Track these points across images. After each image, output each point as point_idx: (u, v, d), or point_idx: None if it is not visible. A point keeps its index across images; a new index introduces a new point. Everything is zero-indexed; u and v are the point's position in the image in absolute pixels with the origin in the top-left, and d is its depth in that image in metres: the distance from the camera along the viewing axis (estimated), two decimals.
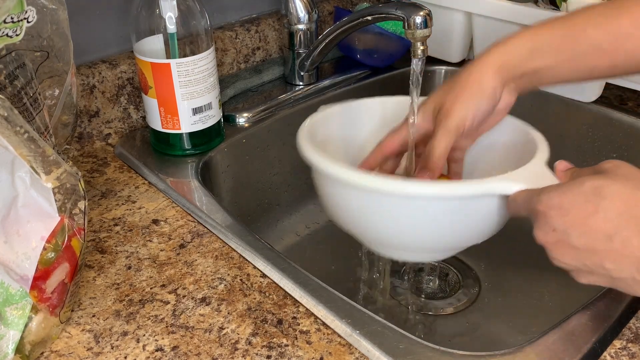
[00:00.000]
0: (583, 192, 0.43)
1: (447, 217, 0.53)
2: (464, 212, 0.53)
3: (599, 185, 0.43)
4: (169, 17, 0.66)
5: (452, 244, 0.59)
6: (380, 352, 0.46)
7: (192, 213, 0.63)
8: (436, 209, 0.53)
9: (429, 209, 0.53)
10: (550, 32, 0.55)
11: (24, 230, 0.46)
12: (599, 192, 0.42)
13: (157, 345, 0.48)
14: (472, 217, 0.54)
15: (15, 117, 0.43)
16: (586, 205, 0.43)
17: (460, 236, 0.57)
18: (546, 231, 0.45)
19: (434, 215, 0.53)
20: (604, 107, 0.80)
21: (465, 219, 0.54)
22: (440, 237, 0.56)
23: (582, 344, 0.47)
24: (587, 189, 0.43)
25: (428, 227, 0.55)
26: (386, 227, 0.56)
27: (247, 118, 0.81)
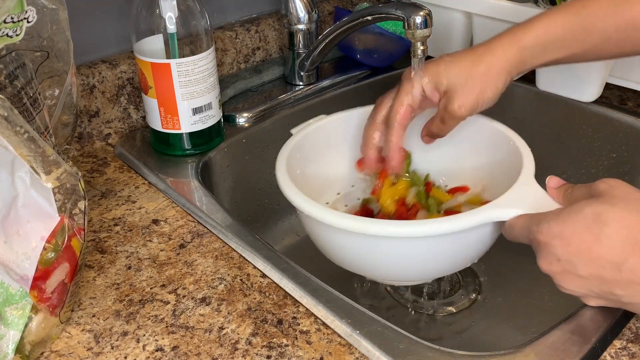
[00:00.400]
0: (583, 219, 0.43)
1: (444, 249, 0.54)
2: (461, 242, 0.54)
3: (599, 211, 0.42)
4: (169, 17, 0.66)
5: (449, 269, 0.60)
6: (380, 352, 0.46)
7: (192, 213, 0.63)
8: (433, 245, 0.53)
9: (427, 246, 0.53)
10: (562, 26, 0.56)
11: (24, 230, 0.46)
12: (600, 218, 0.42)
13: (157, 345, 0.48)
14: (468, 244, 0.55)
15: (15, 117, 0.43)
16: (588, 233, 0.42)
17: (456, 262, 0.58)
18: (550, 261, 0.45)
19: (431, 250, 0.54)
20: (604, 107, 0.80)
21: (462, 247, 0.55)
22: (437, 266, 0.57)
23: (582, 344, 0.47)
24: (587, 216, 0.42)
25: (424, 261, 0.55)
26: (382, 264, 0.56)
27: (247, 118, 0.81)
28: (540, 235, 0.45)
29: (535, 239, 0.45)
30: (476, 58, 0.58)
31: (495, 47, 0.58)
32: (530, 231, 0.46)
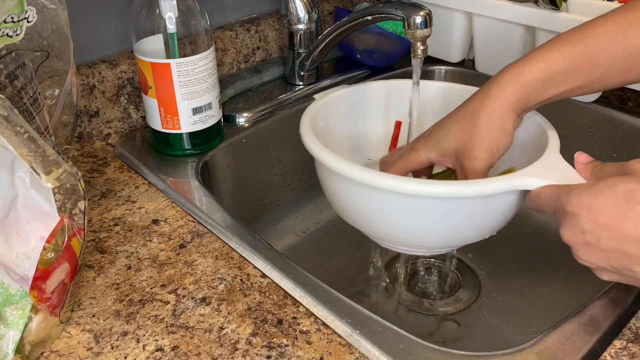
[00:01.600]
0: (615, 195, 0.43)
1: (466, 215, 0.54)
2: (484, 208, 0.53)
3: (632, 189, 0.43)
4: (169, 17, 0.66)
5: (466, 239, 0.59)
6: (380, 352, 0.46)
7: (192, 213, 0.63)
8: (457, 208, 0.53)
9: (452, 208, 0.53)
10: (563, 58, 0.54)
11: (24, 231, 0.46)
12: (632, 196, 0.43)
13: (157, 345, 0.48)
14: (491, 212, 0.54)
15: (16, 117, 0.43)
16: (618, 209, 0.43)
17: (474, 231, 0.57)
18: (574, 232, 0.45)
19: (454, 214, 0.53)
20: (604, 107, 0.80)
21: (484, 214, 0.54)
22: (455, 234, 0.57)
23: (582, 344, 0.47)
24: (619, 193, 0.43)
25: (445, 226, 0.55)
26: (402, 226, 0.56)
27: (247, 118, 0.81)
28: (569, 206, 0.45)
29: (563, 208, 0.46)
30: (475, 110, 0.56)
31: (492, 91, 0.56)
32: (558, 200, 0.47)
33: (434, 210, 0.53)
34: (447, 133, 0.58)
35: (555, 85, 0.55)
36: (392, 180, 0.51)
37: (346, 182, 0.54)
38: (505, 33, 0.85)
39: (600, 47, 0.53)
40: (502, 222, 0.56)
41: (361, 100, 0.70)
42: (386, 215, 0.55)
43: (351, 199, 0.56)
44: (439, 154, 0.58)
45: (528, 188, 0.51)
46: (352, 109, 0.70)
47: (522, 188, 0.51)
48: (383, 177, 0.51)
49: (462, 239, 0.59)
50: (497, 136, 0.55)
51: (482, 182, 0.51)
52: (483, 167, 0.56)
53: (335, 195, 0.59)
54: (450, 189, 0.50)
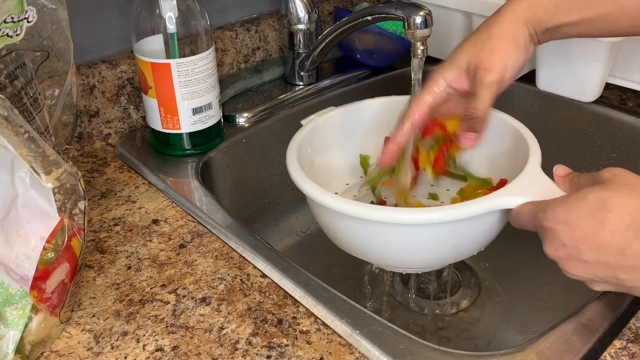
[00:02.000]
0: (588, 205, 0.43)
1: (451, 236, 0.54)
2: (468, 229, 0.54)
3: (603, 197, 0.43)
4: (169, 17, 0.66)
5: (455, 257, 0.60)
6: (380, 352, 0.46)
7: (192, 213, 0.63)
8: (441, 232, 0.53)
9: (434, 232, 0.53)
10: None
11: (24, 231, 0.46)
12: (604, 204, 0.42)
13: (157, 345, 0.48)
14: (475, 231, 0.55)
15: (16, 117, 0.43)
16: (592, 219, 0.43)
17: (462, 250, 0.58)
18: (556, 247, 0.45)
19: (440, 237, 0.54)
20: (604, 107, 0.80)
21: (468, 234, 0.55)
22: (443, 254, 0.57)
23: (582, 344, 0.47)
24: (591, 202, 0.43)
25: (433, 248, 0.56)
26: (390, 251, 0.57)
27: (247, 118, 0.81)
28: (545, 222, 0.45)
29: (541, 225, 0.46)
30: (486, 25, 0.57)
31: (504, 8, 0.57)
32: (536, 217, 0.47)
33: (419, 236, 0.54)
34: (461, 49, 0.58)
35: (565, 11, 0.55)
36: (378, 211, 0.52)
37: (334, 215, 0.55)
38: None
39: None
40: (488, 239, 0.57)
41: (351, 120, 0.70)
42: (374, 242, 0.56)
43: (341, 229, 0.58)
44: (454, 70, 0.58)
45: (508, 207, 0.51)
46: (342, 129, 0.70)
47: (502, 207, 0.51)
48: (366, 208, 0.52)
49: (451, 258, 0.60)
50: (508, 47, 0.55)
51: (463, 206, 0.51)
52: (494, 79, 0.55)
53: (325, 225, 0.60)
54: (432, 216, 0.51)
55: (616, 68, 0.79)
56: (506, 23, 0.56)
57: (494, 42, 0.55)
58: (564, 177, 0.51)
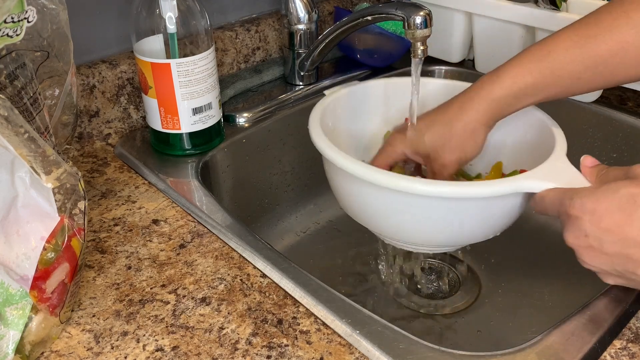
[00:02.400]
0: (618, 199, 0.44)
1: (472, 215, 0.54)
2: (489, 209, 0.54)
3: (635, 193, 0.43)
4: (169, 17, 0.66)
5: (471, 239, 0.60)
6: (380, 352, 0.46)
7: (192, 213, 0.63)
8: (462, 209, 0.53)
9: (456, 208, 0.53)
10: (530, 74, 0.56)
11: (24, 231, 0.46)
12: (635, 200, 0.43)
13: (157, 345, 0.48)
14: (495, 213, 0.55)
15: (16, 117, 0.43)
16: (621, 213, 0.43)
17: (479, 231, 0.58)
18: (577, 235, 0.46)
19: (460, 214, 0.54)
20: (604, 107, 0.80)
21: (488, 215, 0.55)
22: (461, 234, 0.57)
23: (582, 344, 0.47)
24: (622, 197, 0.43)
25: (452, 225, 0.56)
26: (409, 225, 0.56)
27: (247, 118, 0.81)
28: (572, 209, 0.46)
29: (566, 212, 0.47)
30: (449, 119, 0.60)
31: (467, 105, 0.59)
32: (562, 204, 0.47)
33: (440, 210, 0.54)
34: (424, 136, 0.61)
35: (527, 97, 0.57)
36: (402, 180, 0.52)
37: (355, 182, 0.55)
38: (505, 33, 0.85)
39: (564, 60, 0.55)
40: (507, 222, 0.57)
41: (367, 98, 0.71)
42: (393, 214, 0.56)
43: (360, 198, 0.57)
44: (414, 152, 0.63)
45: (533, 190, 0.51)
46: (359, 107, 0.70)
47: (527, 190, 0.52)
48: (392, 177, 0.52)
49: (467, 239, 0.60)
50: (467, 148, 0.60)
51: (488, 184, 0.52)
52: (449, 173, 0.61)
53: (344, 194, 0.59)
54: (457, 189, 0.51)
55: None
56: (469, 124, 0.59)
57: (453, 144, 0.60)
58: (591, 168, 0.51)
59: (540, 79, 0.56)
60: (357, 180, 0.54)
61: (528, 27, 0.83)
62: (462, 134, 0.59)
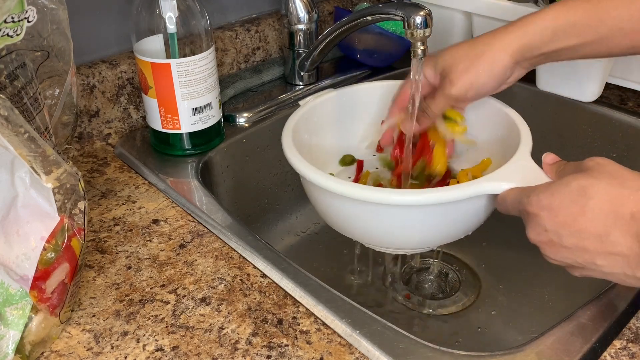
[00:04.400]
0: (570, 192, 0.44)
1: (439, 218, 0.55)
2: (455, 211, 0.55)
3: (585, 185, 0.44)
4: (169, 17, 0.66)
5: (442, 240, 0.61)
6: (380, 352, 0.46)
7: (192, 213, 0.63)
8: (429, 213, 0.54)
9: (422, 214, 0.55)
10: (574, 12, 0.55)
11: (24, 231, 0.46)
12: (585, 192, 0.43)
13: (157, 345, 0.48)
14: (463, 214, 0.56)
15: (16, 117, 0.43)
16: (574, 205, 0.44)
17: (449, 233, 0.59)
18: (538, 232, 0.46)
19: (428, 219, 0.55)
20: (604, 107, 0.80)
21: (456, 218, 0.56)
22: (431, 236, 0.59)
23: (582, 344, 0.47)
24: (573, 189, 0.44)
25: (420, 229, 0.57)
26: (380, 231, 0.58)
27: (247, 118, 0.81)
28: (529, 207, 0.46)
29: (525, 210, 0.47)
30: (475, 41, 0.58)
31: (499, 31, 0.57)
32: (520, 203, 0.48)
33: (408, 217, 0.55)
34: (446, 53, 0.60)
35: (563, 37, 0.55)
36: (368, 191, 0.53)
37: (327, 195, 0.57)
38: None
39: (610, 5, 0.54)
40: (476, 223, 0.58)
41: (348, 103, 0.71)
42: (365, 222, 0.57)
43: (333, 209, 0.59)
44: (432, 70, 0.61)
45: (494, 192, 0.52)
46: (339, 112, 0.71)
47: (489, 192, 0.52)
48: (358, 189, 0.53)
49: (438, 241, 0.61)
50: (481, 73, 0.57)
51: (451, 189, 0.53)
52: (452, 93, 0.58)
53: (319, 206, 0.61)
54: (420, 197, 0.52)
55: (616, 68, 0.79)
56: (492, 48, 0.57)
57: (468, 64, 0.57)
58: (551, 165, 0.52)
59: (582, 19, 0.54)
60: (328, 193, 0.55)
61: None
62: (481, 57, 0.56)
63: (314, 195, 0.60)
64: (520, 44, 0.56)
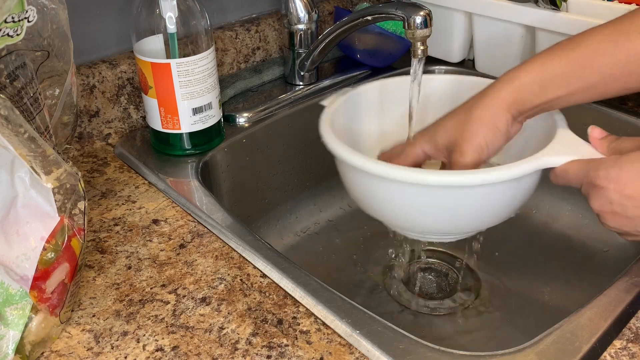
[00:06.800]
0: (638, 168, 0.48)
1: (495, 198, 0.55)
2: (511, 191, 0.55)
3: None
4: (169, 17, 0.66)
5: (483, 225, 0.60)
6: (380, 352, 0.46)
7: (192, 213, 0.63)
8: (486, 193, 0.54)
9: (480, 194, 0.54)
10: (559, 63, 0.54)
11: (24, 231, 0.46)
12: None
13: (157, 345, 0.48)
14: (516, 194, 0.56)
15: (16, 117, 0.43)
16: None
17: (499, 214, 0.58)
18: (602, 203, 0.50)
19: (477, 201, 0.55)
20: (604, 107, 0.80)
21: (509, 196, 0.56)
22: (476, 219, 0.58)
23: (582, 344, 0.47)
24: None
25: (468, 212, 0.56)
26: (426, 216, 0.57)
27: (247, 118, 0.81)
28: (598, 180, 0.49)
29: (592, 182, 0.50)
30: (469, 107, 0.57)
31: (488, 92, 0.57)
32: (587, 175, 0.51)
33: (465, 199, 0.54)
34: (442, 127, 0.59)
35: (553, 88, 0.55)
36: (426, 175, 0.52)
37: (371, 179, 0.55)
38: (505, 33, 0.85)
39: (595, 52, 0.54)
40: (524, 201, 0.58)
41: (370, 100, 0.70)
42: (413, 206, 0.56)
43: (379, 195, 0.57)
44: (433, 146, 0.60)
45: (554, 165, 0.53)
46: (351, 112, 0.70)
47: (549, 166, 0.53)
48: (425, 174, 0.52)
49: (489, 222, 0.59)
50: (487, 134, 0.56)
51: (511, 166, 0.52)
52: (469, 163, 0.57)
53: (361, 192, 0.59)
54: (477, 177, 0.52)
55: None
56: (488, 108, 0.56)
57: (472, 128, 0.56)
58: (600, 140, 0.54)
59: (569, 69, 0.54)
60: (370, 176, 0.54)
61: (528, 27, 0.83)
62: (481, 119, 0.56)
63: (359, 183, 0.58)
64: (513, 99, 0.56)
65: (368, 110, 0.70)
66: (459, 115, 0.58)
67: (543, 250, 0.78)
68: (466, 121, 0.57)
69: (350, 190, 0.61)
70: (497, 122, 0.56)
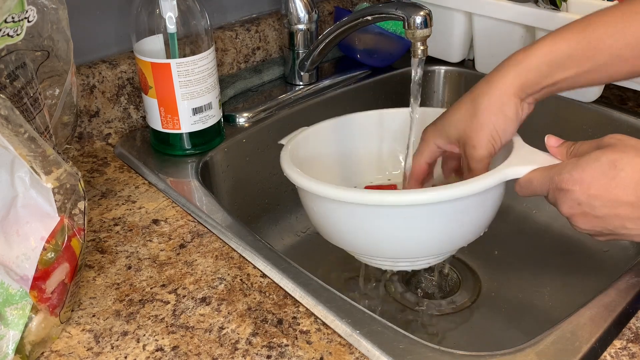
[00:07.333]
0: (600, 166, 0.48)
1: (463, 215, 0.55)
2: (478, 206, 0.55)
3: (614, 158, 0.47)
4: (169, 17, 0.66)
5: (451, 246, 0.59)
6: (380, 352, 0.46)
7: (192, 213, 0.63)
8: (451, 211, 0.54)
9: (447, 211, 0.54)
10: (568, 44, 0.54)
11: (24, 231, 0.46)
12: (615, 165, 0.47)
13: (157, 345, 0.48)
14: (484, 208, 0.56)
15: (16, 117, 0.43)
16: (605, 178, 0.47)
17: (461, 235, 0.57)
18: (571, 206, 0.49)
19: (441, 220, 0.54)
20: (604, 107, 0.80)
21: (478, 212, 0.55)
22: (441, 241, 0.57)
23: (582, 344, 0.47)
24: (603, 164, 0.48)
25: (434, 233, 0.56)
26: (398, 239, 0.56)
27: (247, 118, 0.81)
28: (562, 184, 0.49)
29: (558, 187, 0.50)
30: (476, 96, 0.56)
31: (493, 77, 0.56)
32: (552, 181, 0.50)
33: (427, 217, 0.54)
34: (451, 120, 0.59)
35: (561, 69, 0.54)
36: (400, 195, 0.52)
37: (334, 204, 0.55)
38: (505, 33, 0.85)
39: (605, 33, 0.53)
40: (492, 217, 0.58)
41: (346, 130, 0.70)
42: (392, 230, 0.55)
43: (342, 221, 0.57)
44: (446, 140, 0.59)
45: (517, 176, 0.53)
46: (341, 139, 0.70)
47: (512, 177, 0.53)
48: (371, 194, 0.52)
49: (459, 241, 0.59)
50: (496, 122, 0.55)
51: (474, 180, 0.52)
52: (483, 155, 0.56)
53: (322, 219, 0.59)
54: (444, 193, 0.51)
55: None
56: (495, 95, 0.55)
57: (481, 119, 0.56)
58: (558, 148, 0.54)
59: (577, 49, 0.53)
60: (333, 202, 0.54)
61: (528, 27, 0.83)
62: (489, 108, 0.55)
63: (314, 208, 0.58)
64: (520, 82, 0.55)
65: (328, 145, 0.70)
66: (466, 105, 0.57)
67: (543, 251, 0.78)
68: (474, 112, 0.56)
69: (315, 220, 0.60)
70: (506, 109, 0.55)
